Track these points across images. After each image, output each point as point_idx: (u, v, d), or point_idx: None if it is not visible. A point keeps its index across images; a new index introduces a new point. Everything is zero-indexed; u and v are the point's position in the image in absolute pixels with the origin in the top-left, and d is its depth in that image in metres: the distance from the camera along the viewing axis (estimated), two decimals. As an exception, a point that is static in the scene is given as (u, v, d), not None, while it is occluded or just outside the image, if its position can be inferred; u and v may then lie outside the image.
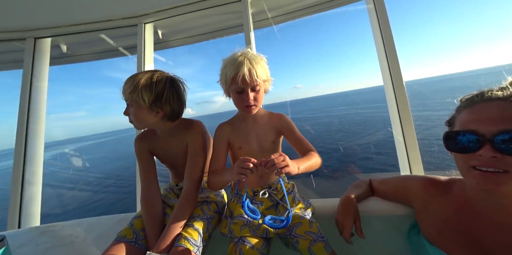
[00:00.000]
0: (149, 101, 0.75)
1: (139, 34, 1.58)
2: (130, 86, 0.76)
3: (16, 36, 1.55)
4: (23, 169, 1.51)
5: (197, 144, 0.84)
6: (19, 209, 1.45)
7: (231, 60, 0.74)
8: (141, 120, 0.79)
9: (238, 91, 0.75)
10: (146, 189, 0.84)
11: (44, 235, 0.95)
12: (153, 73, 0.79)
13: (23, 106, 1.54)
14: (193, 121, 0.89)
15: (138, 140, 0.90)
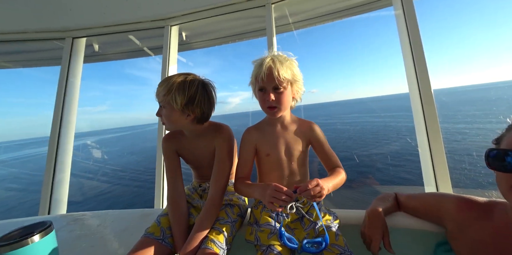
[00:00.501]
0: (181, 104, 0.77)
1: (165, 36, 1.66)
2: (164, 88, 0.78)
3: (57, 36, 1.71)
4: (55, 158, 1.65)
5: (224, 150, 0.85)
6: (50, 195, 1.59)
7: (258, 60, 0.77)
8: (173, 122, 0.81)
9: (260, 89, 0.76)
10: (172, 189, 0.86)
11: (75, 223, 1.01)
12: (186, 76, 0.81)
13: (59, 100, 1.68)
14: (222, 126, 0.89)
15: (166, 140, 0.92)
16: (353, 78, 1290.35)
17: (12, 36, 1.69)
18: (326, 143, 0.83)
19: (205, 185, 0.93)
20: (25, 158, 42.77)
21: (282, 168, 0.81)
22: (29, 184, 15.89)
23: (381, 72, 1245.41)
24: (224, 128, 0.88)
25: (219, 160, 0.84)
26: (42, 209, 1.56)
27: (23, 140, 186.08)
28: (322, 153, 0.83)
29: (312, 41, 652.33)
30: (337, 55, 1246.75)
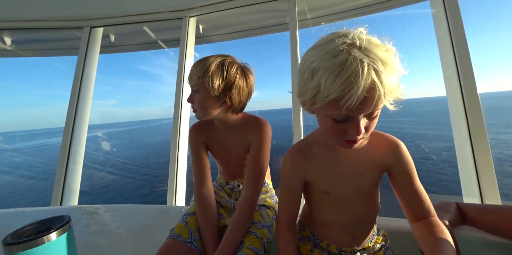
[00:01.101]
0: (218, 88, 0.68)
1: (183, 28, 1.61)
2: (200, 70, 0.69)
3: (76, 25, 1.69)
4: (69, 149, 1.64)
5: (262, 146, 0.75)
6: (63, 184, 1.59)
7: (335, 61, 0.39)
8: (206, 109, 0.72)
9: (339, 119, 0.44)
10: (201, 186, 0.78)
11: (90, 217, 0.97)
12: (224, 58, 0.72)
13: (74, 90, 1.67)
14: (260, 119, 0.79)
15: (194, 130, 0.83)
16: None
17: (33, 23, 1.68)
18: (416, 177, 0.54)
19: (234, 182, 0.85)
20: (38, 147, 44.50)
21: (345, 207, 0.57)
22: (41, 173, 16.53)
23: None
24: (263, 122, 0.78)
25: (256, 157, 0.74)
26: (55, 197, 1.55)
27: (36, 130, 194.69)
28: (408, 191, 0.54)
29: None
30: None
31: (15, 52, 2.11)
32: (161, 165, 15.98)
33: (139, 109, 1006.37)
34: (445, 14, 1.10)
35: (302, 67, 0.46)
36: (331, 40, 0.42)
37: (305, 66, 0.44)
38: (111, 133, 67.37)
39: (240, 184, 0.83)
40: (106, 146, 32.82)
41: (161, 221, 0.76)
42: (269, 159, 0.77)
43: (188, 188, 1.53)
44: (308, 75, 0.43)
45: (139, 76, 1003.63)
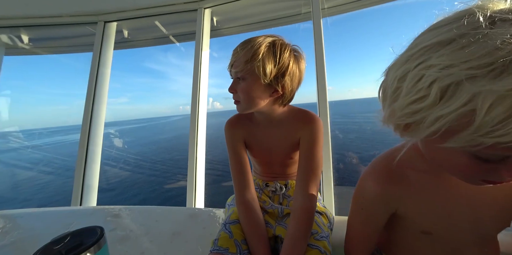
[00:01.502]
0: (270, 74, 0.58)
1: (198, 19, 1.54)
2: (247, 52, 0.58)
3: (90, 20, 1.65)
4: (87, 146, 1.64)
5: (317, 145, 0.65)
6: (82, 182, 1.59)
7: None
8: (252, 100, 0.61)
9: (491, 159, 0.28)
10: (244, 190, 0.68)
11: (114, 219, 0.90)
12: (275, 38, 0.62)
13: (90, 88, 1.65)
14: (311, 113, 0.69)
15: (231, 125, 0.74)
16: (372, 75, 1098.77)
17: (48, 20, 1.66)
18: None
19: (275, 185, 0.76)
20: (55, 144, 46.53)
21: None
22: (57, 168, 17.30)
23: None
24: (315, 117, 0.68)
25: (310, 158, 0.65)
26: (75, 194, 1.56)
27: (54, 127, 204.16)
28: None
29: (339, 31, 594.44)
30: (361, 47, 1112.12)
31: (31, 50, 2.12)
32: (168, 161, 16.33)
33: (148, 107, 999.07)
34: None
35: (417, 74, 0.27)
36: (489, 28, 0.23)
37: (423, 72, 0.26)
38: (122, 130, 69.38)
39: (283, 187, 0.75)
40: (118, 143, 33.84)
41: (193, 227, 0.70)
42: (322, 159, 0.68)
43: (207, 187, 1.48)
44: (436, 92, 0.25)
45: (147, 73, 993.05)
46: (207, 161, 1.55)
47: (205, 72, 1.55)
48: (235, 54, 0.61)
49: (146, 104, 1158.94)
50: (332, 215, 0.73)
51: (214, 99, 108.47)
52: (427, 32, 0.30)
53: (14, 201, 10.20)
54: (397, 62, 0.32)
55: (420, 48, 0.28)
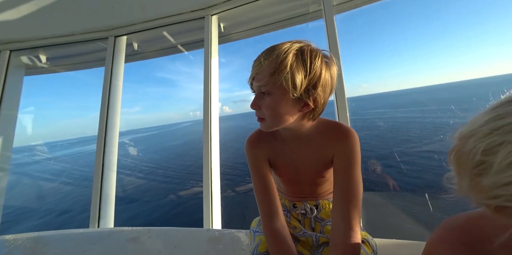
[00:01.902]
0: (301, 86, 0.49)
1: (206, 27, 1.54)
2: (272, 63, 0.50)
3: (101, 35, 1.70)
4: (103, 157, 1.66)
5: (355, 163, 0.56)
6: (99, 191, 1.61)
7: None
8: (280, 117, 0.53)
9: None
10: (273, 218, 0.59)
11: (132, 244, 0.85)
12: (302, 45, 0.53)
13: (104, 101, 1.67)
14: (345, 127, 0.60)
15: (253, 144, 0.66)
16: (379, 71, 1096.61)
17: (61, 39, 1.72)
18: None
19: (304, 206, 0.68)
20: (75, 154, 48.71)
21: None
22: (76, 179, 18.02)
23: (408, 63, 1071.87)
24: (350, 131, 0.59)
25: (349, 178, 0.56)
26: (94, 203, 1.57)
27: (73, 139, 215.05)
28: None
29: (352, 27, 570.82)
30: (372, 41, 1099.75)
31: (50, 68, 2.21)
32: (179, 167, 16.57)
33: (160, 114, 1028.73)
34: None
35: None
36: None
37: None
38: (136, 139, 71.58)
39: (314, 209, 0.67)
40: (133, 151, 34.87)
41: (214, 250, 0.63)
42: (361, 179, 0.58)
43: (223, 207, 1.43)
44: None
45: (157, 83, 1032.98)
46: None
47: (215, 79, 1.53)
48: (257, 65, 0.53)
49: (158, 112, 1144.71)
50: (374, 241, 0.65)
51: (223, 103, 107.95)
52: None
53: (37, 211, 10.74)
54: (478, 129, 0.28)
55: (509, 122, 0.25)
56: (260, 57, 0.53)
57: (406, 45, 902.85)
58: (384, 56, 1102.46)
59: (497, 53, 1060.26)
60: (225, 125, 33.00)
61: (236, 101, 46.28)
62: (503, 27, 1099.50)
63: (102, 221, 1.57)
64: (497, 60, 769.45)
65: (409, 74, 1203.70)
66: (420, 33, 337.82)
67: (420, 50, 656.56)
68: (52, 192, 14.49)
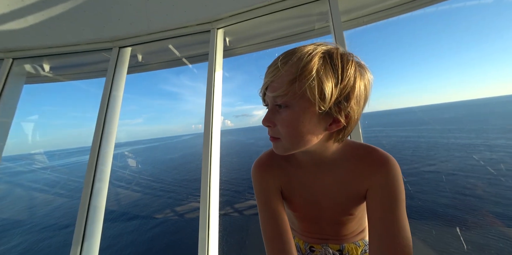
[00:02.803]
0: (330, 98, 0.38)
1: (211, 40, 1.52)
2: (292, 67, 0.39)
3: (106, 46, 1.68)
4: (95, 167, 1.55)
5: (400, 202, 0.43)
6: (88, 202, 1.48)
7: None
8: (301, 136, 0.42)
9: None
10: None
11: None
12: (330, 47, 0.43)
13: (101, 111, 1.61)
14: (381, 153, 0.47)
15: (263, 169, 0.54)
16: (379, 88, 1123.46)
17: (66, 48, 1.71)
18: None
19: (325, 250, 0.55)
20: (71, 164, 48.03)
21: None
22: (71, 191, 17.50)
23: (427, 78, 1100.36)
24: (389, 158, 0.46)
25: (392, 222, 0.41)
26: (81, 216, 1.43)
27: (71, 149, 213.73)
28: None
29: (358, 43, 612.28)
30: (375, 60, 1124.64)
31: (54, 77, 2.19)
32: (179, 181, 16.15)
33: (162, 127, 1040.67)
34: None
35: None
36: None
37: None
38: (136, 150, 71.05)
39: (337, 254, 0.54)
40: (132, 162, 34.32)
41: None
42: (407, 222, 0.43)
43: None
44: None
45: (160, 95, 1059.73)
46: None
47: (218, 92, 1.48)
48: (272, 71, 0.42)
49: (161, 124, 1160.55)
50: None
51: (225, 117, 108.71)
52: None
53: (22, 223, 10.24)
54: None
55: None
56: (276, 61, 0.42)
57: (404, 65, 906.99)
58: (386, 73, 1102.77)
59: (496, 75, 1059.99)
60: (224, 139, 32.82)
61: (238, 115, 45.42)
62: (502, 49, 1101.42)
63: (86, 243, 1.42)
64: (495, 81, 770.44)
65: (407, 94, 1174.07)
66: (424, 53, 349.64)
67: (422, 70, 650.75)
68: (42, 203, 13.97)
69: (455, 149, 17.50)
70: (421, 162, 14.38)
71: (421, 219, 5.79)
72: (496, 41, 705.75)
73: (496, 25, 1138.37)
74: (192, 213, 9.05)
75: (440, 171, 11.45)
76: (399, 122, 58.00)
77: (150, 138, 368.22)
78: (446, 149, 17.89)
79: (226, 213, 7.75)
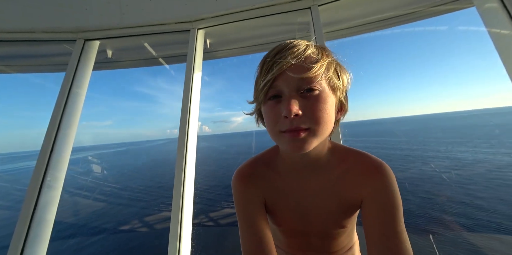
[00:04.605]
0: (347, 85, 0.44)
1: (190, 40, 1.45)
2: (317, 51, 0.41)
3: (68, 37, 1.49)
4: (44, 173, 1.32)
5: (398, 212, 0.40)
6: (31, 214, 1.23)
7: None
8: (332, 121, 0.40)
9: None
10: None
11: None
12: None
13: (57, 109, 1.41)
14: (377, 160, 0.44)
15: (245, 180, 0.48)
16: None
17: (17, 35, 1.47)
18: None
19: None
20: (17, 171, 41.85)
21: None
22: (17, 202, 15.11)
23: (397, 91, 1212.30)
24: (384, 166, 0.43)
25: (393, 234, 0.38)
26: (20, 229, 1.17)
27: (18, 152, 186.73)
28: None
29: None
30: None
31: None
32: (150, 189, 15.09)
33: (135, 130, 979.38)
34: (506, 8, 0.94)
35: None
36: None
37: None
38: (103, 154, 65.01)
39: None
40: (96, 168, 31.18)
41: None
42: (406, 233, 0.40)
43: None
44: None
45: (135, 97, 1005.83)
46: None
47: (196, 95, 1.39)
48: (292, 53, 0.38)
49: (133, 127, 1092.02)
50: None
51: (203, 122, 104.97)
52: None
53: None
54: None
55: None
56: (291, 46, 0.40)
57: (378, 78, 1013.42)
58: (366, 85, 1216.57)
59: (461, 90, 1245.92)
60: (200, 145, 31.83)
61: (216, 121, 44.06)
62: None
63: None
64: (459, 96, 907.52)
65: (377, 106, 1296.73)
66: (401, 68, 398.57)
67: (398, 83, 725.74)
68: (-22, 218, 11.78)
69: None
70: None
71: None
72: (442, 67, 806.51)
73: (446, 50, 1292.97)
74: (164, 223, 8.43)
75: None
76: (363, 133, 62.91)
77: (121, 142, 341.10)
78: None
79: (200, 223, 7.36)
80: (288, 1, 1.33)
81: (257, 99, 0.43)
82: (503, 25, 0.95)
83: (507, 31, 0.94)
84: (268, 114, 0.41)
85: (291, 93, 0.39)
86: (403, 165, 15.47)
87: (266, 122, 0.43)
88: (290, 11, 1.36)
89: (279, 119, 0.39)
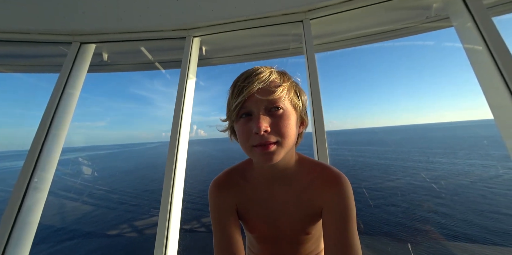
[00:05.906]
0: (304, 105, 0.51)
1: (186, 48, 1.48)
2: (279, 76, 0.49)
3: (64, 39, 1.51)
4: (31, 173, 1.31)
5: (351, 216, 0.44)
6: (15, 216, 1.20)
7: None
8: (295, 134, 0.47)
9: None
10: None
11: None
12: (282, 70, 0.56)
13: (49, 110, 1.41)
14: (335, 171, 0.49)
15: (220, 189, 0.52)
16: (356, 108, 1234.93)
17: (12, 35, 1.48)
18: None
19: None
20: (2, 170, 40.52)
21: None
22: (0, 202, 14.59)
23: (385, 101, 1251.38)
24: (342, 177, 0.48)
25: (345, 240, 0.42)
26: (2, 230, 1.14)
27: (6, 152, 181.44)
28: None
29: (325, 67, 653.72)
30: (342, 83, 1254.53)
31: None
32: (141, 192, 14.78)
33: (129, 132, 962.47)
34: (477, 27, 1.01)
35: None
36: None
37: None
38: (95, 156, 63.66)
39: None
40: (87, 170, 30.47)
41: None
42: (358, 239, 0.45)
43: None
44: None
45: (130, 99, 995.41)
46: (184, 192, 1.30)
47: (189, 101, 1.42)
48: (259, 79, 0.45)
49: (127, 129, 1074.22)
50: None
51: (198, 126, 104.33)
52: None
53: None
54: None
55: None
56: (255, 72, 0.46)
57: (366, 89, 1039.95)
58: (356, 94, 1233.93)
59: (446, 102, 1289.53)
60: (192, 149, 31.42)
61: (212, 125, 45.55)
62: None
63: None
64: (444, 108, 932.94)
65: (364, 116, 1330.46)
66: (388, 79, 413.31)
67: (384, 94, 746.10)
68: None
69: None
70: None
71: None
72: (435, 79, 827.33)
73: (435, 64, 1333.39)
74: (153, 229, 8.23)
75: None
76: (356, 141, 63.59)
77: (114, 143, 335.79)
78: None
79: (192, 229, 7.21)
80: (280, 14, 1.38)
81: (230, 118, 0.48)
82: (476, 42, 1.02)
83: (480, 47, 1.01)
84: (240, 131, 0.46)
85: (259, 112, 0.44)
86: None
87: (239, 138, 0.47)
88: (283, 23, 1.41)
89: (251, 135, 0.44)
